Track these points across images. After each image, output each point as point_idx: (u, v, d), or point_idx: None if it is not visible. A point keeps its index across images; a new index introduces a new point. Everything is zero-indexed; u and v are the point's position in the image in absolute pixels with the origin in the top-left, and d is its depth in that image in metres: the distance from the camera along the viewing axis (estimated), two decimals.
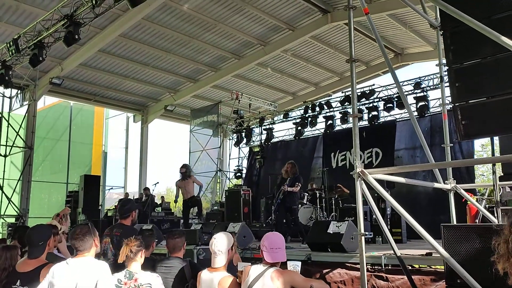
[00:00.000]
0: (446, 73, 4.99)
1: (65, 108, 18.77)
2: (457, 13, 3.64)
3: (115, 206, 14.36)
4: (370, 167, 4.64)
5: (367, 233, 4.02)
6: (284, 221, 9.07)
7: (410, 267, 5.38)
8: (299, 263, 3.49)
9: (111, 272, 3.56)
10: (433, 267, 5.86)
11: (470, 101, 4.04)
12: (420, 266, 6.01)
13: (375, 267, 5.84)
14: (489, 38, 3.58)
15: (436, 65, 5.51)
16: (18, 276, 3.40)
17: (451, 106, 5.69)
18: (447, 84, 5.27)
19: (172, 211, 15.51)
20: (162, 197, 17.07)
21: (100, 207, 14.92)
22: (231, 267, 3.64)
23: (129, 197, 14.01)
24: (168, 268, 3.88)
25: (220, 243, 3.49)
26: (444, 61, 5.32)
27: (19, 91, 14.93)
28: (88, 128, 19.50)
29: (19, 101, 14.95)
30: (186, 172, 10.87)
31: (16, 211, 13.54)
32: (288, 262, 3.52)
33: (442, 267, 5.60)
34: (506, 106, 3.86)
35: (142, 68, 15.38)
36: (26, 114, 14.43)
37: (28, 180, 13.76)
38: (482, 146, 23.92)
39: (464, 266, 3.46)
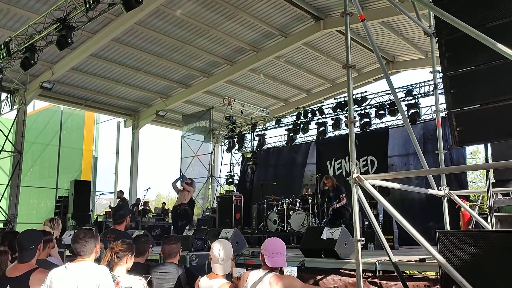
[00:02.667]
0: (440, 80, 5.05)
1: (55, 112, 18.61)
2: (453, 20, 3.67)
3: (105, 211, 14.26)
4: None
5: (363, 239, 4.01)
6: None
7: (403, 273, 5.39)
8: (295, 268, 3.49)
9: None
10: (423, 273, 5.89)
11: (464, 108, 4.08)
12: (411, 272, 6.03)
13: (368, 273, 5.85)
14: (484, 46, 3.61)
15: (430, 72, 5.56)
16: (7, 281, 3.34)
17: (445, 113, 5.76)
18: (441, 91, 5.33)
19: (163, 217, 15.43)
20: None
21: (90, 213, 14.79)
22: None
23: (122, 203, 13.93)
24: (163, 274, 3.84)
25: (225, 250, 3.51)
26: (437, 68, 5.38)
27: (8, 95, 14.76)
28: (78, 133, 19.34)
29: (9, 105, 14.76)
30: (191, 183, 11.07)
31: (4, 216, 13.33)
32: (284, 268, 3.51)
33: (433, 273, 5.65)
34: (500, 113, 3.90)
35: (134, 73, 15.31)
36: (16, 118, 14.25)
37: (17, 185, 13.56)
38: (471, 154, 24.15)
39: (459, 272, 3.47)
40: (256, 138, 15.99)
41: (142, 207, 14.06)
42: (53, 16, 9.65)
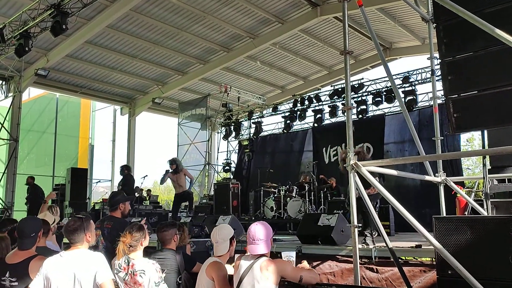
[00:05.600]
0: (437, 66, 5.03)
1: (51, 100, 18.49)
2: (452, 5, 3.65)
3: (102, 199, 14.28)
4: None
5: (360, 225, 4.03)
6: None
7: (399, 259, 5.43)
8: (294, 254, 3.51)
9: None
10: (419, 259, 5.95)
11: (462, 94, 4.07)
12: (407, 257, 6.09)
13: (365, 259, 5.90)
14: (482, 32, 3.60)
15: (428, 58, 5.54)
16: (7, 267, 3.36)
17: (442, 100, 5.75)
18: (438, 77, 5.32)
19: (160, 204, 15.47)
20: (149, 190, 16.96)
21: (87, 200, 14.78)
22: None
23: (118, 190, 13.91)
24: (161, 260, 3.84)
25: (220, 234, 3.59)
26: (435, 54, 5.36)
27: (3, 82, 14.65)
28: (74, 120, 19.25)
29: (4, 92, 14.67)
30: (177, 167, 10.80)
31: (1, 204, 13.34)
32: (282, 252, 3.53)
33: (429, 259, 5.71)
34: (497, 99, 3.90)
35: (129, 60, 15.20)
36: (11, 106, 14.16)
37: (13, 173, 13.54)
38: (466, 141, 24.29)
39: (455, 257, 3.50)
40: (253, 126, 15.97)
41: (138, 194, 14.05)
42: (47, 2, 9.55)
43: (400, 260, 5.39)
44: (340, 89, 13.35)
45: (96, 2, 9.57)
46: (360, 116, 12.82)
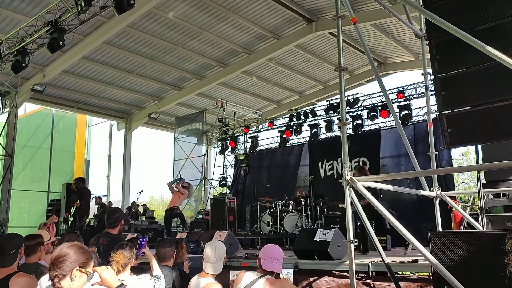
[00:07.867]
0: (431, 82, 5.10)
1: (46, 115, 18.49)
2: (443, 23, 3.71)
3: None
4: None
5: (356, 240, 4.04)
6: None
7: (395, 274, 5.41)
8: (291, 271, 3.52)
9: None
10: (416, 274, 5.93)
11: (455, 110, 4.12)
12: (404, 272, 6.07)
13: (361, 275, 5.88)
14: (474, 48, 3.65)
15: (421, 74, 5.60)
16: None
17: (436, 115, 5.80)
18: (432, 93, 5.38)
19: (156, 219, 15.37)
20: (144, 205, 16.87)
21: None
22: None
23: (116, 206, 13.86)
24: None
25: (218, 251, 3.58)
26: (429, 70, 5.43)
27: None
28: (70, 135, 19.23)
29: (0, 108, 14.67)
30: (184, 188, 11.04)
31: None
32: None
33: (426, 274, 5.69)
34: (490, 114, 3.95)
35: (126, 75, 15.27)
36: (7, 121, 14.15)
37: (8, 189, 13.46)
38: (462, 154, 24.33)
39: (451, 272, 3.50)
40: (249, 140, 15.99)
41: (133, 210, 14.00)
42: (44, 19, 9.61)
43: (397, 275, 5.38)
44: (335, 104, 13.41)
45: (93, 18, 9.63)
46: (355, 130, 12.86)
